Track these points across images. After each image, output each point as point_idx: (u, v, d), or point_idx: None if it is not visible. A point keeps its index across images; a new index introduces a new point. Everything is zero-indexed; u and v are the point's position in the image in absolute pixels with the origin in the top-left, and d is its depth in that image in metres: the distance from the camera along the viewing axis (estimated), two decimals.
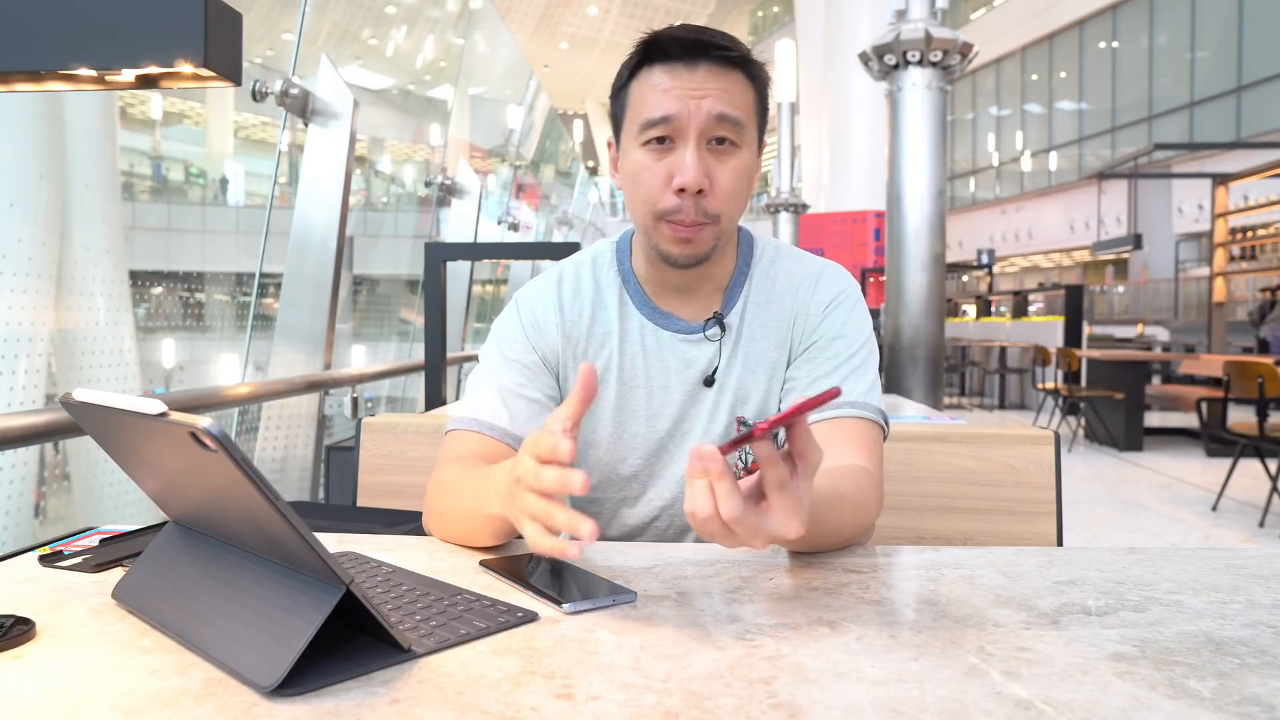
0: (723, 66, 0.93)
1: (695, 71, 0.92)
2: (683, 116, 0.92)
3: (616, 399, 1.03)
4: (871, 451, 0.94)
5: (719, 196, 0.94)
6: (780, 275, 1.05)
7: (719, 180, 0.93)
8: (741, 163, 0.95)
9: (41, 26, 0.78)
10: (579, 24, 31.62)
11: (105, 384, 2.40)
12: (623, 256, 1.07)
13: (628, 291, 1.05)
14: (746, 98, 0.95)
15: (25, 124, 2.04)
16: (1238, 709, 0.50)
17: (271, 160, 3.42)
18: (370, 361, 5.18)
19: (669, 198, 0.93)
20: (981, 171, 21.69)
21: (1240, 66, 14.23)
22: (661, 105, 0.92)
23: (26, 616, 0.64)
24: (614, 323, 1.04)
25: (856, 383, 0.98)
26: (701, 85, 0.92)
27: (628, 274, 1.06)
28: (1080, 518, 4.51)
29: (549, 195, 10.90)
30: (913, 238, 4.52)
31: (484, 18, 7.02)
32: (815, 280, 1.04)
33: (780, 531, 0.63)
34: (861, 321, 1.03)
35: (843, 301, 1.03)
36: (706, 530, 0.64)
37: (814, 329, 1.01)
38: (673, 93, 0.92)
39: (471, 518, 0.84)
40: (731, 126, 0.92)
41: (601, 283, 1.06)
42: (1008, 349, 10.47)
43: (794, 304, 1.03)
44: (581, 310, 1.06)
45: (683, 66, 0.93)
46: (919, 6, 4.34)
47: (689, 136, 0.92)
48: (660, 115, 0.92)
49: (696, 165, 0.91)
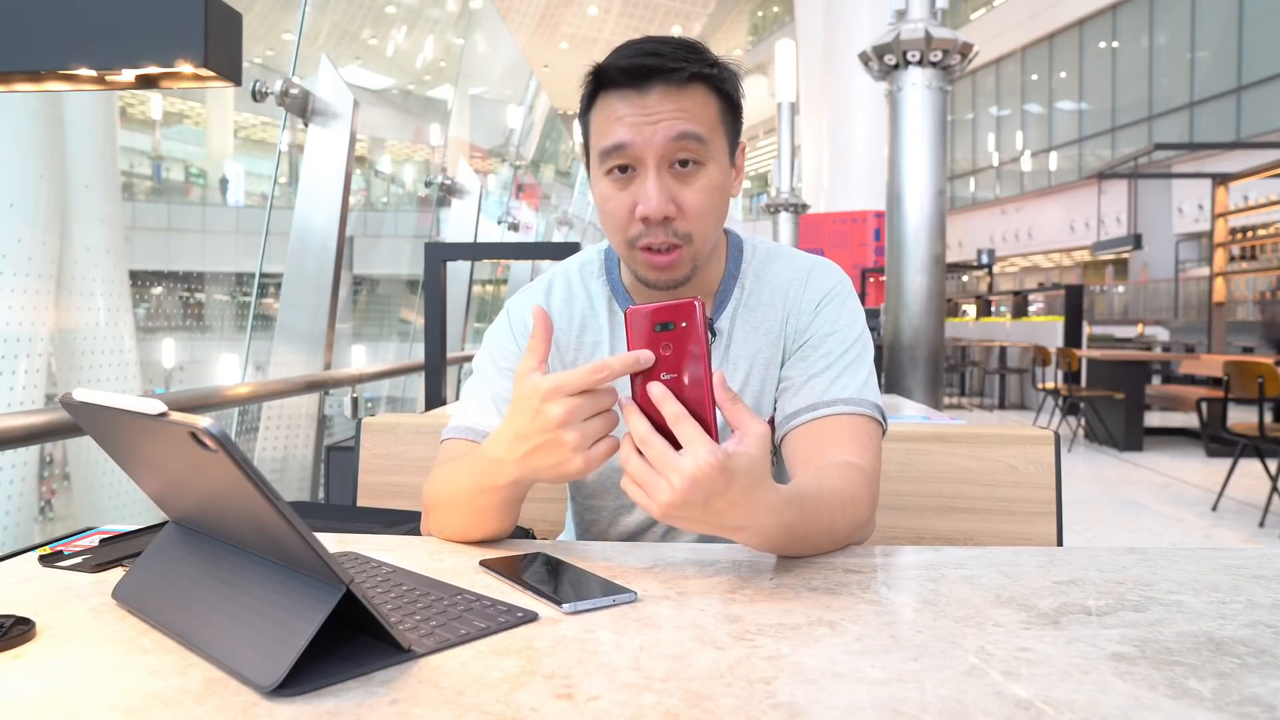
0: (676, 85, 0.90)
1: (648, 96, 0.89)
2: (638, 144, 0.89)
3: None
4: (865, 447, 0.93)
5: (689, 218, 0.92)
6: (771, 277, 1.04)
7: (686, 202, 0.91)
8: (709, 179, 0.92)
9: (41, 26, 0.78)
10: (579, 24, 31.60)
11: (105, 384, 2.40)
12: (610, 265, 1.07)
13: (616, 300, 1.05)
14: (708, 110, 0.92)
15: (25, 124, 2.04)
16: (1238, 709, 0.50)
17: (271, 160, 3.42)
18: (370, 361, 5.17)
19: (636, 225, 0.92)
20: (981, 171, 21.69)
21: (1240, 66, 14.22)
22: (616, 133, 0.90)
23: (26, 616, 0.64)
24: (604, 331, 1.04)
25: (851, 379, 0.97)
26: (655, 109, 0.89)
27: (616, 283, 1.05)
28: (1080, 518, 4.51)
29: (549, 195, 10.90)
30: (913, 238, 4.52)
31: (484, 18, 7.02)
32: (805, 278, 1.03)
33: (692, 460, 0.66)
34: (853, 317, 1.02)
35: (834, 298, 1.02)
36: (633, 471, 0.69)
37: (806, 327, 1.01)
38: (626, 120, 0.89)
39: (476, 497, 0.84)
40: (693, 144, 0.90)
41: (591, 291, 1.06)
42: (1008, 349, 10.46)
43: (785, 303, 1.02)
44: (571, 318, 1.06)
45: (634, 92, 0.90)
46: (919, 6, 4.34)
47: (648, 164, 0.90)
48: (614, 144, 0.90)
49: (657, 194, 0.89)
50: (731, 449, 0.67)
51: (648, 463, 0.68)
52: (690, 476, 0.65)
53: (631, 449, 0.69)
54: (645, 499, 0.68)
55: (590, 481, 1.06)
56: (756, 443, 0.68)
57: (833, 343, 0.99)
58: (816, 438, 0.94)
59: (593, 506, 1.07)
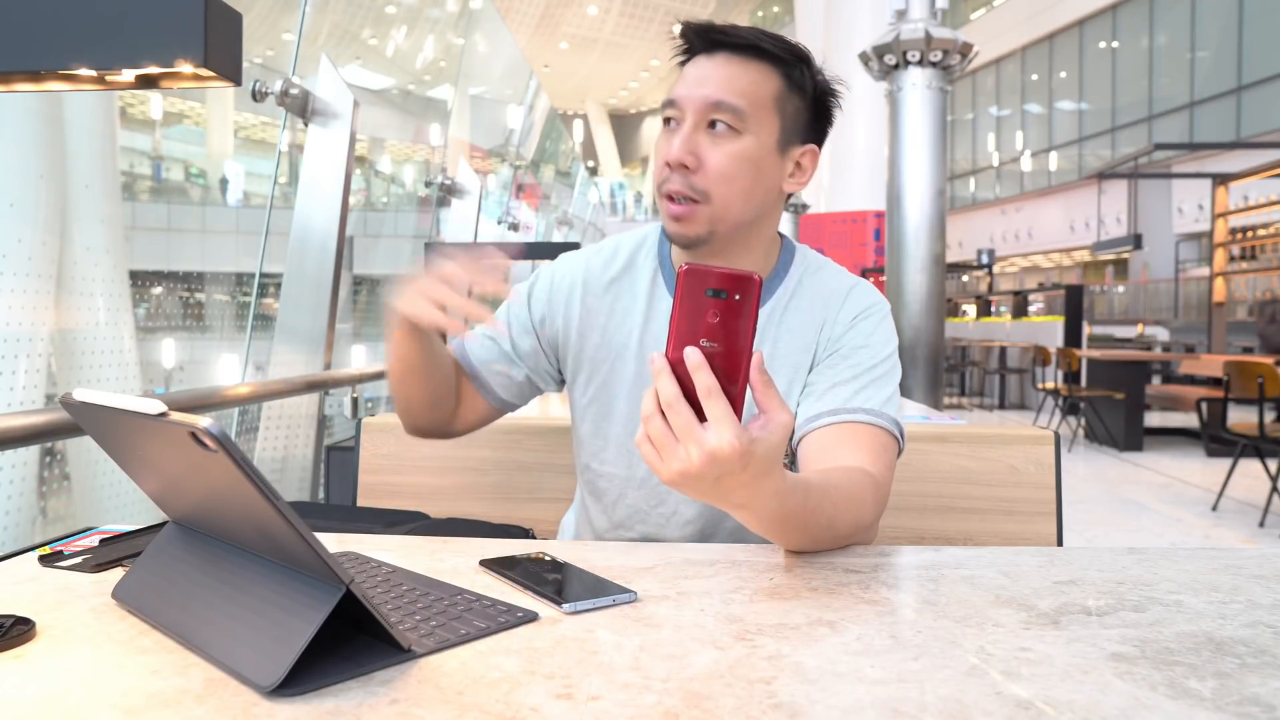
0: (740, 55, 0.97)
1: (712, 60, 0.97)
2: (684, 100, 0.97)
3: (635, 377, 1.06)
4: (878, 458, 0.93)
5: (709, 175, 0.96)
6: (816, 285, 1.07)
7: (708, 159, 0.96)
8: (741, 148, 0.96)
9: (41, 26, 0.78)
10: (579, 24, 31.61)
11: (105, 384, 2.40)
12: (663, 241, 1.10)
13: (663, 274, 1.08)
14: (762, 87, 0.97)
15: (25, 124, 2.04)
16: (1238, 709, 0.50)
17: (271, 160, 3.42)
18: (370, 361, 5.16)
19: (664, 171, 0.98)
20: (981, 171, 21.69)
21: (1240, 66, 14.22)
22: (675, 90, 0.98)
23: (26, 616, 0.64)
24: (641, 301, 1.07)
25: (875, 393, 0.98)
26: (710, 73, 0.97)
27: (665, 259, 1.09)
28: (1080, 518, 4.51)
29: (549, 195, 10.90)
30: (913, 238, 4.53)
31: (484, 18, 7.02)
32: (847, 293, 1.06)
33: (715, 438, 0.64)
34: (887, 336, 1.04)
35: (871, 314, 1.04)
36: (652, 431, 0.67)
37: (839, 337, 1.03)
38: (687, 79, 0.98)
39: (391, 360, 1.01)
40: (728, 112, 0.95)
41: (638, 262, 1.10)
42: (1008, 349, 10.46)
43: (824, 312, 1.04)
44: (608, 284, 1.09)
45: (704, 57, 0.98)
46: (919, 6, 4.34)
47: (686, 118, 0.97)
48: (669, 99, 0.99)
49: (683, 142, 0.96)
50: (755, 434, 0.66)
51: (669, 428, 0.66)
52: (710, 453, 0.64)
53: (655, 408, 0.67)
54: (658, 462, 0.67)
55: (609, 446, 1.08)
56: (780, 430, 0.68)
57: (862, 355, 1.01)
58: (833, 441, 0.95)
59: (605, 474, 1.09)
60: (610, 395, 1.07)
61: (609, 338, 1.08)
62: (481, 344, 1.11)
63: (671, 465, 0.66)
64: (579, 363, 1.09)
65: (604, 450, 1.08)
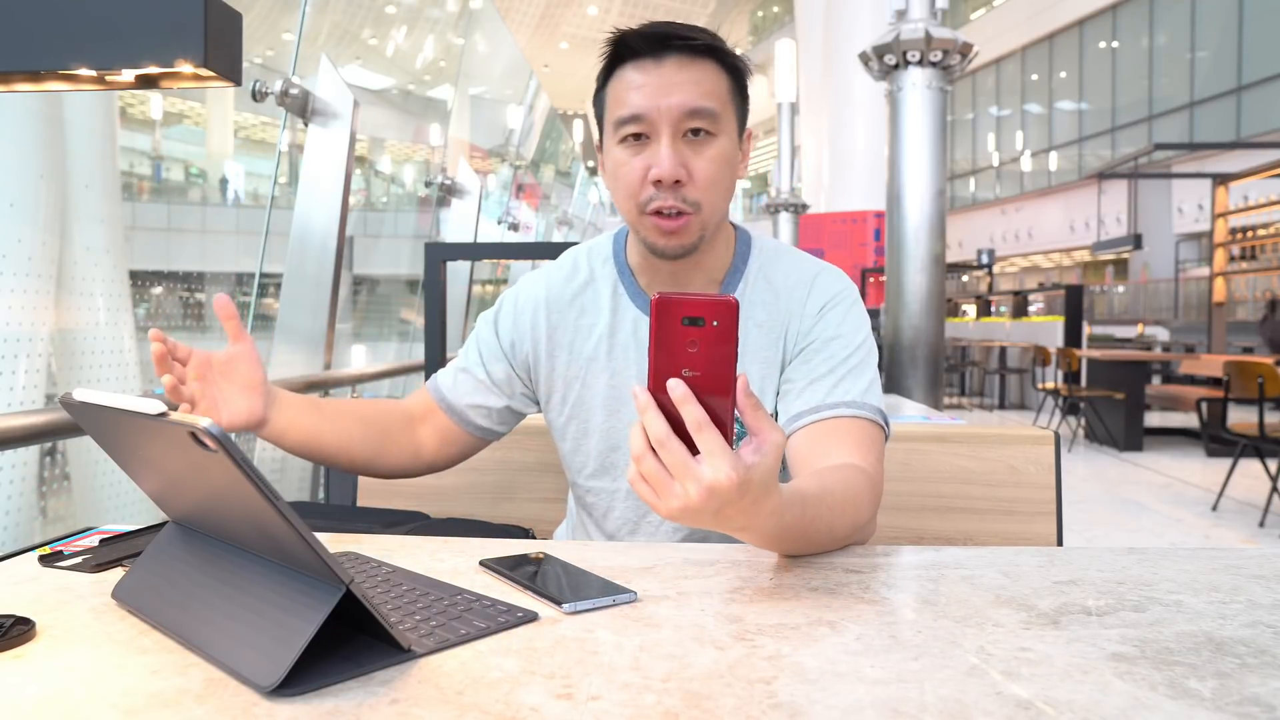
0: (690, 57, 0.94)
1: (663, 65, 0.94)
2: (654, 112, 0.93)
3: (608, 389, 1.05)
4: (867, 450, 0.93)
5: (699, 185, 0.95)
6: (777, 276, 1.05)
7: (697, 169, 0.94)
8: (719, 150, 0.95)
9: (41, 26, 0.78)
10: (579, 24, 31.61)
11: (105, 384, 2.40)
12: (619, 250, 1.09)
13: (623, 284, 1.06)
14: (720, 85, 0.96)
15: (25, 124, 2.03)
16: (1238, 709, 0.50)
17: (271, 160, 3.42)
18: (370, 362, 5.17)
19: (648, 189, 0.95)
20: (981, 171, 21.69)
21: (1240, 66, 14.22)
22: (633, 102, 0.94)
23: (26, 616, 0.64)
24: (604, 313, 1.06)
25: (854, 383, 0.97)
26: (670, 79, 0.93)
27: (623, 267, 1.07)
28: (1080, 518, 4.51)
29: (549, 195, 10.90)
30: (913, 238, 4.52)
31: (484, 18, 7.02)
32: (811, 283, 1.04)
33: (712, 473, 0.63)
34: (858, 322, 1.02)
35: (839, 302, 1.02)
36: (646, 470, 0.65)
37: (809, 330, 1.01)
38: (644, 89, 0.93)
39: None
40: (705, 117, 0.94)
41: (596, 274, 1.08)
42: (1008, 349, 10.46)
43: (789, 305, 1.03)
44: (570, 300, 1.08)
45: (650, 62, 0.94)
46: (919, 6, 4.34)
47: (662, 131, 0.93)
48: (630, 113, 0.94)
49: (671, 157, 0.93)
50: (749, 460, 0.65)
51: (663, 465, 0.65)
52: (708, 488, 0.63)
53: (645, 446, 0.65)
54: (656, 500, 0.66)
55: (591, 462, 1.07)
56: (774, 451, 0.67)
57: (836, 347, 1.00)
58: (819, 439, 0.94)
59: (593, 489, 1.08)
60: (586, 410, 1.06)
61: (577, 353, 1.07)
62: (453, 378, 1.10)
63: (670, 504, 0.65)
64: (551, 382, 1.08)
65: (586, 466, 1.08)
